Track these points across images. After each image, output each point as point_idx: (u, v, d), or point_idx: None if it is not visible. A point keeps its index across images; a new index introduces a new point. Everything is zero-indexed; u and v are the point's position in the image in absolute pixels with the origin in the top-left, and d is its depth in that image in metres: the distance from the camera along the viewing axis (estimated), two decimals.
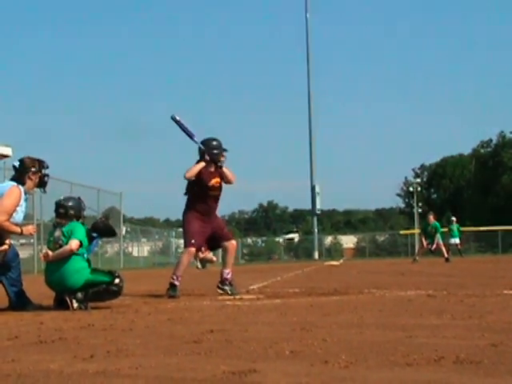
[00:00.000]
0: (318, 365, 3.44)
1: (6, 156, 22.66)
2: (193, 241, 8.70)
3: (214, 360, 3.64)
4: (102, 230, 7.50)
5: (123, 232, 35.31)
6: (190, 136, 8.85)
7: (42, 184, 7.20)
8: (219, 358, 3.68)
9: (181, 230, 9.20)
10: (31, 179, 7.09)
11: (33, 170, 7.07)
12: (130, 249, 42.98)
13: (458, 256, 30.85)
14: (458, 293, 8.00)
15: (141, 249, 44.07)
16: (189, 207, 8.86)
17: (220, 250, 10.01)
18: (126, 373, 3.35)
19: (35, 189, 7.33)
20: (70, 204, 7.34)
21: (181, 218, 9.05)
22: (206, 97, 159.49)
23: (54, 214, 7.60)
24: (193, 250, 8.78)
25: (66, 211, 7.29)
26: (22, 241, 21.18)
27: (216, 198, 8.92)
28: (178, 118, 8.85)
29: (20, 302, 7.07)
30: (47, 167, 7.21)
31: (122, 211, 33.03)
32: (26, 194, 7.06)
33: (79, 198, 7.61)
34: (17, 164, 7.10)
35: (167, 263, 37.94)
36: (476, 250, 52.05)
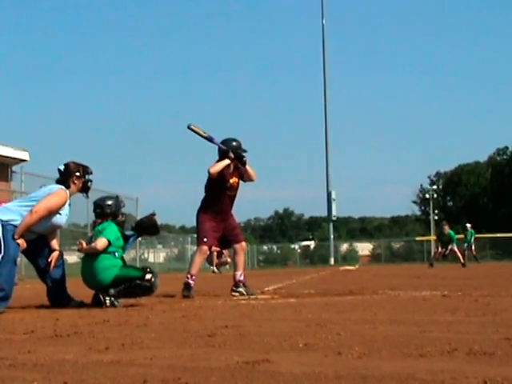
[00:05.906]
0: (332, 355, 3.45)
1: (23, 160, 22.88)
2: (205, 239, 8.75)
3: (228, 351, 3.65)
4: (146, 224, 7.59)
5: (139, 238, 35.37)
6: (210, 140, 8.85)
7: (85, 189, 7.29)
8: (233, 350, 3.69)
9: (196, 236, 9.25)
10: (75, 184, 7.18)
11: (77, 174, 7.17)
12: (145, 255, 43.03)
13: (474, 262, 30.81)
14: (473, 293, 7.98)
15: (157, 255, 44.14)
16: (203, 206, 8.91)
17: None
18: (141, 362, 3.37)
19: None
20: (107, 203, 7.50)
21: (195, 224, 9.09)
22: (223, 103, 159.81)
23: (71, 222, 7.72)
24: (205, 248, 8.82)
25: (102, 210, 7.44)
26: None
27: (232, 198, 8.94)
28: (193, 126, 8.80)
29: (62, 300, 7.17)
30: (91, 173, 7.32)
31: (138, 217, 33.13)
32: (69, 197, 7.16)
33: (117, 197, 7.73)
34: (62, 168, 7.20)
35: (183, 269, 37.97)
36: (492, 257, 51.84)
